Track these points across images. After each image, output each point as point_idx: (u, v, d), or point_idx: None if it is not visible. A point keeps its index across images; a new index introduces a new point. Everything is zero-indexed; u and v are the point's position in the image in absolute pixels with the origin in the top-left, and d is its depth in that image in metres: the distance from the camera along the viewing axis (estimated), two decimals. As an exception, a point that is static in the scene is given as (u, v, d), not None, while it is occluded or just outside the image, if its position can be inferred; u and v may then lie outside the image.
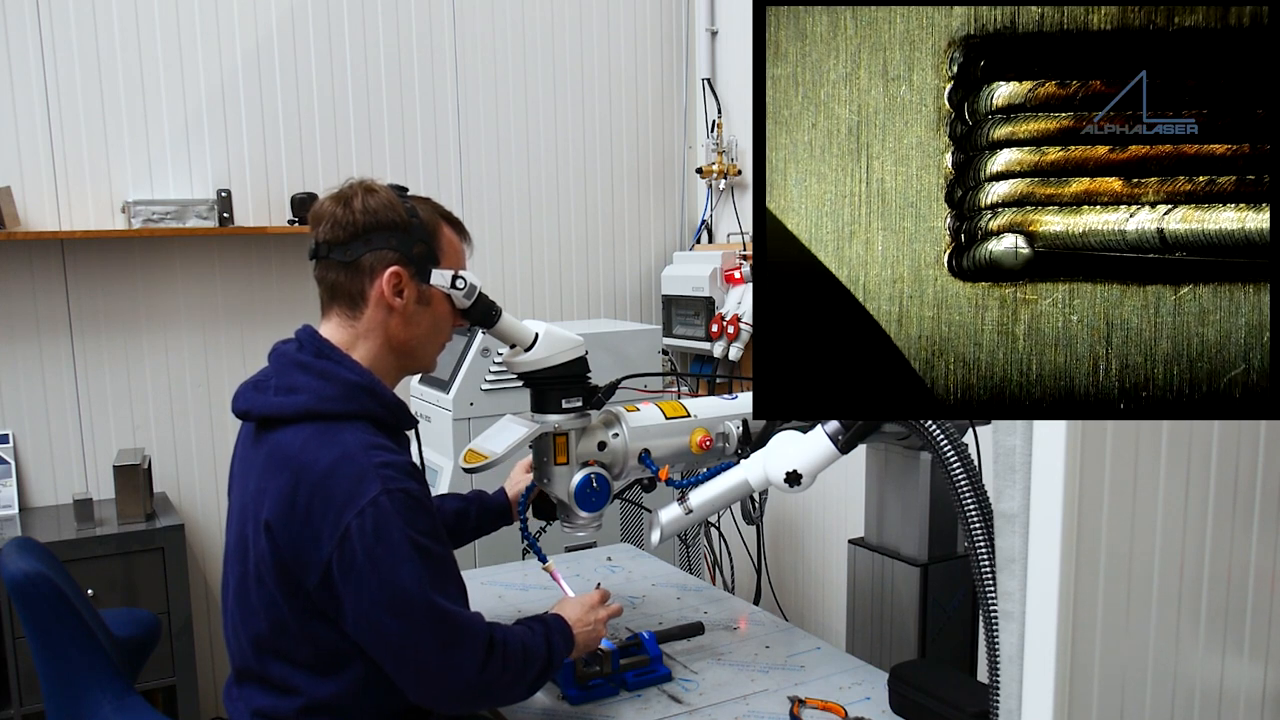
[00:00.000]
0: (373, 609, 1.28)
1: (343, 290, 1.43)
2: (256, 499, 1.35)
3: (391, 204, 1.42)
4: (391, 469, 1.31)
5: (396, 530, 1.28)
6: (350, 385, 1.38)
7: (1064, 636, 0.92)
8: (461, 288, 1.46)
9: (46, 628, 1.57)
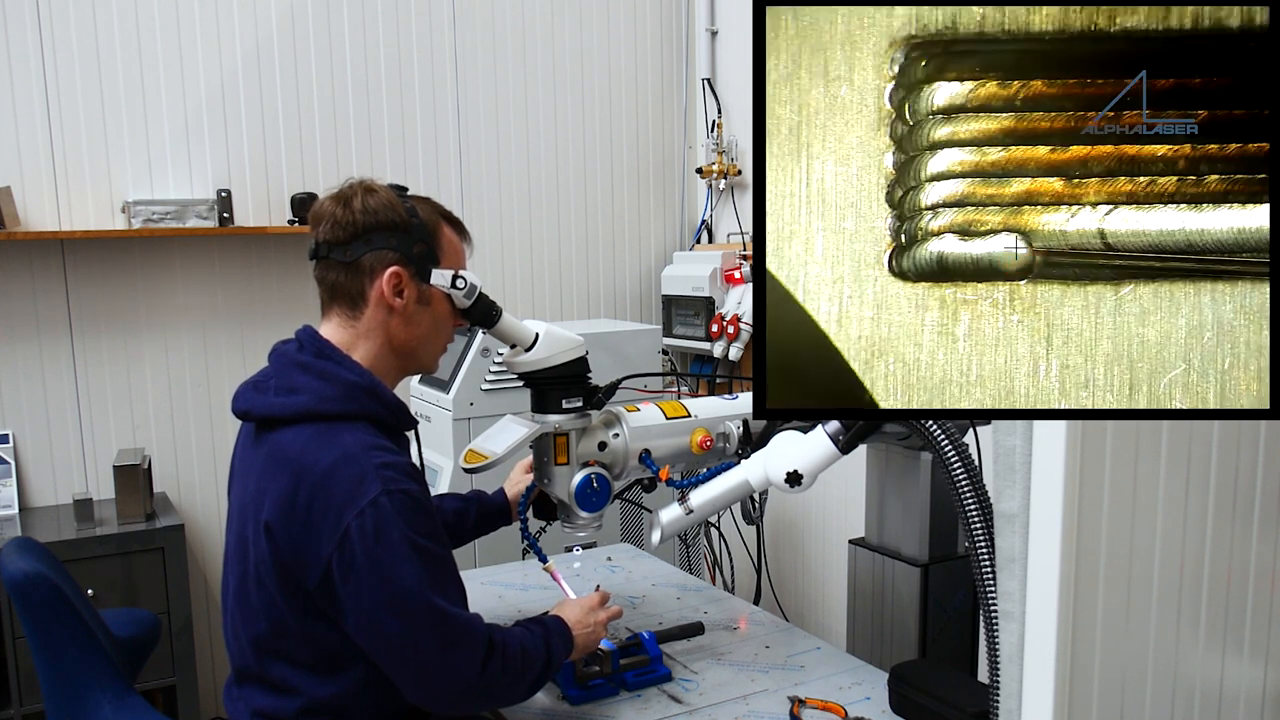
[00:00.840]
0: (373, 609, 1.28)
1: (343, 290, 1.43)
2: (256, 499, 1.35)
3: (391, 204, 1.41)
4: (392, 470, 1.31)
5: (396, 531, 1.28)
6: (351, 386, 1.38)
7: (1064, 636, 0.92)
8: (462, 287, 1.46)
9: (46, 628, 1.57)
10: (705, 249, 3.59)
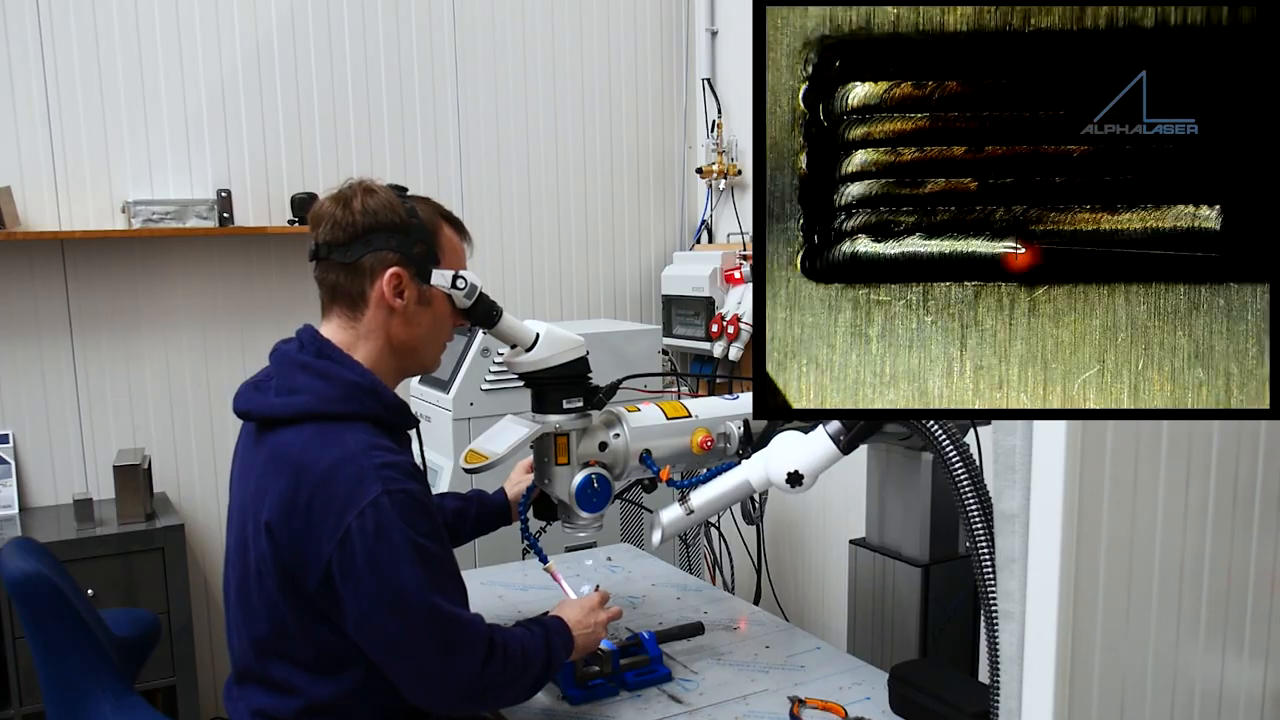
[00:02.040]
0: (373, 610, 1.28)
1: (343, 291, 1.43)
2: (257, 499, 1.35)
3: (391, 204, 1.41)
4: (393, 470, 1.31)
5: (397, 531, 1.28)
6: (351, 386, 1.38)
7: (1064, 636, 0.92)
8: (462, 288, 1.46)
9: (46, 628, 1.57)
10: (705, 249, 3.59)
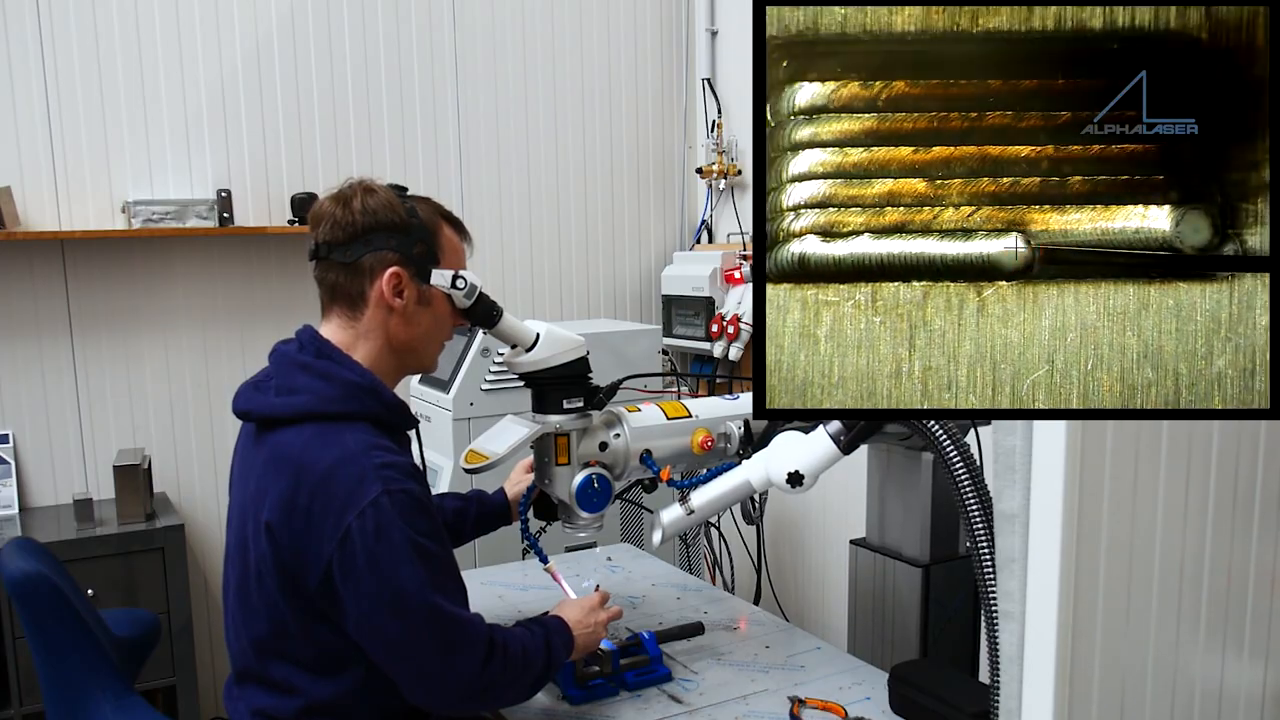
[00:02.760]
0: (373, 610, 1.28)
1: (343, 291, 1.43)
2: (257, 499, 1.35)
3: (391, 204, 1.41)
4: (393, 470, 1.31)
5: (397, 531, 1.28)
6: (351, 386, 1.38)
7: (1064, 636, 0.92)
8: (462, 287, 1.46)
9: (46, 628, 1.57)
10: (705, 249, 3.59)
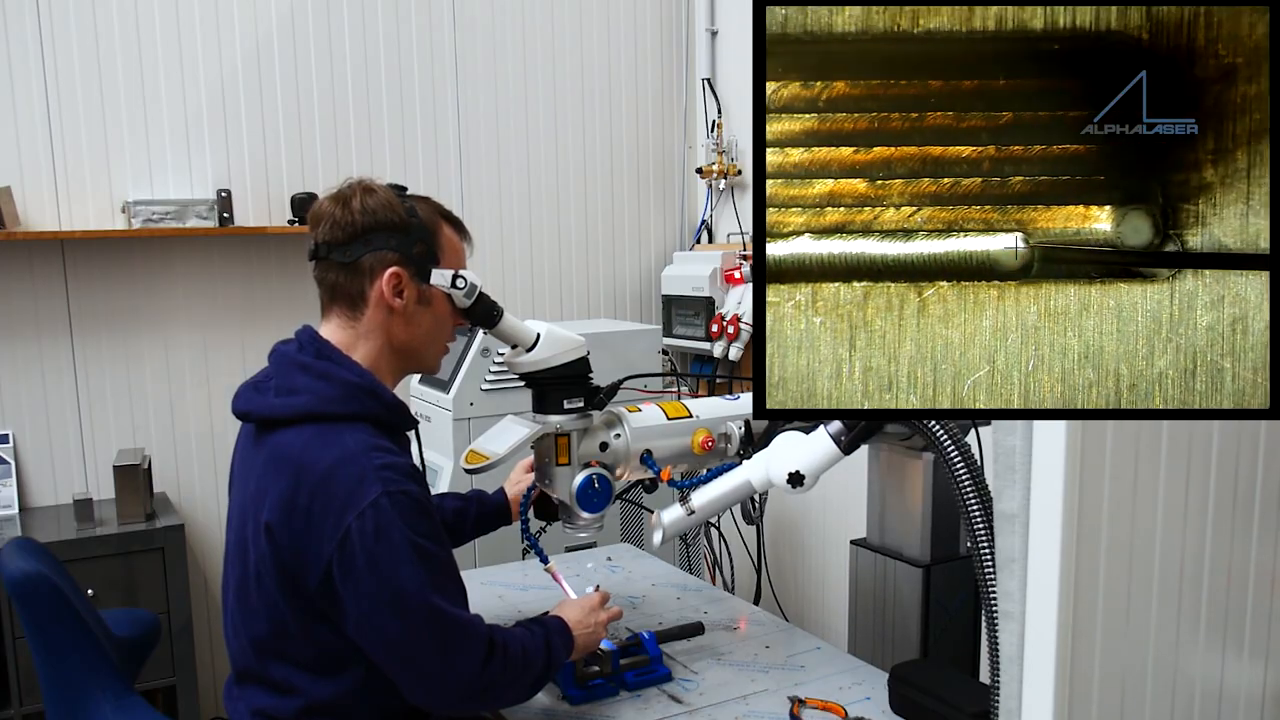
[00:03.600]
0: (373, 610, 1.28)
1: (343, 291, 1.43)
2: (257, 500, 1.35)
3: (390, 204, 1.41)
4: (392, 470, 1.31)
5: (397, 532, 1.28)
6: (351, 386, 1.38)
7: (1064, 636, 0.92)
8: (462, 287, 1.46)
9: (46, 628, 1.57)
10: (705, 249, 3.59)
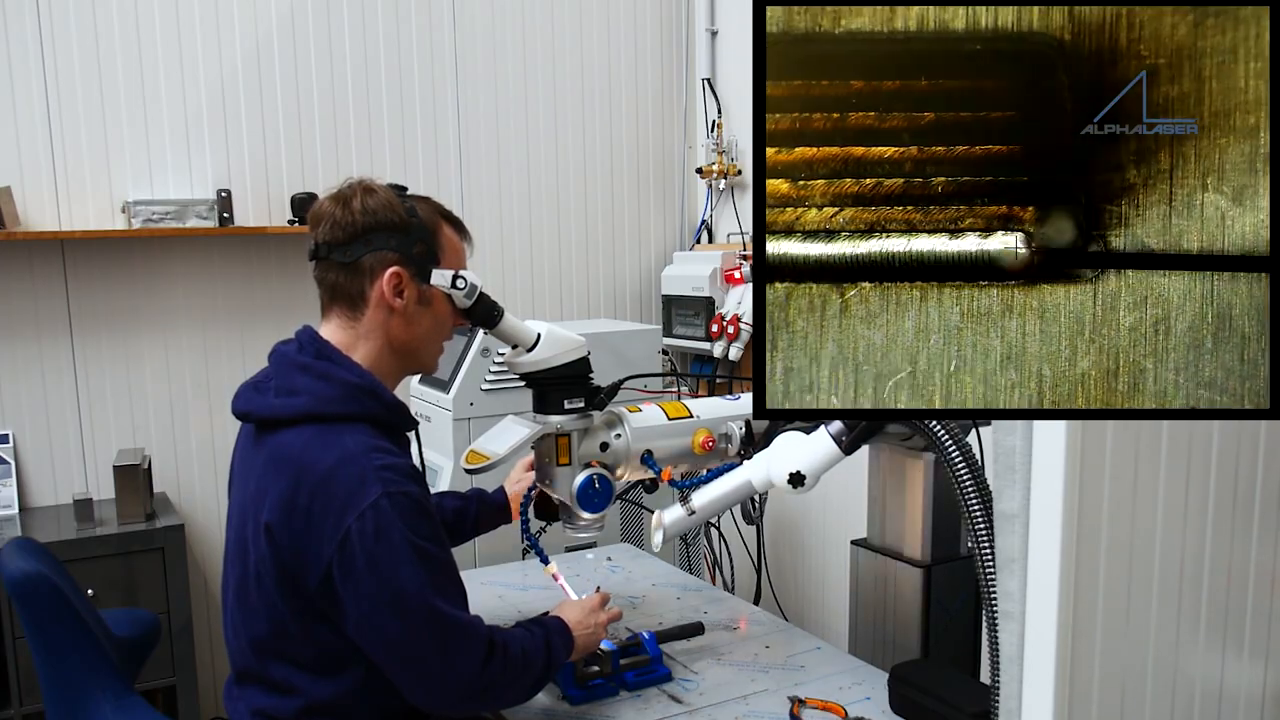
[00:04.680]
0: (373, 611, 1.28)
1: (343, 291, 1.43)
2: (256, 500, 1.35)
3: (391, 204, 1.41)
4: (392, 471, 1.31)
5: (397, 533, 1.28)
6: (351, 387, 1.38)
7: (1064, 636, 0.92)
8: (462, 287, 1.46)
9: (46, 628, 1.57)
10: (705, 249, 3.59)
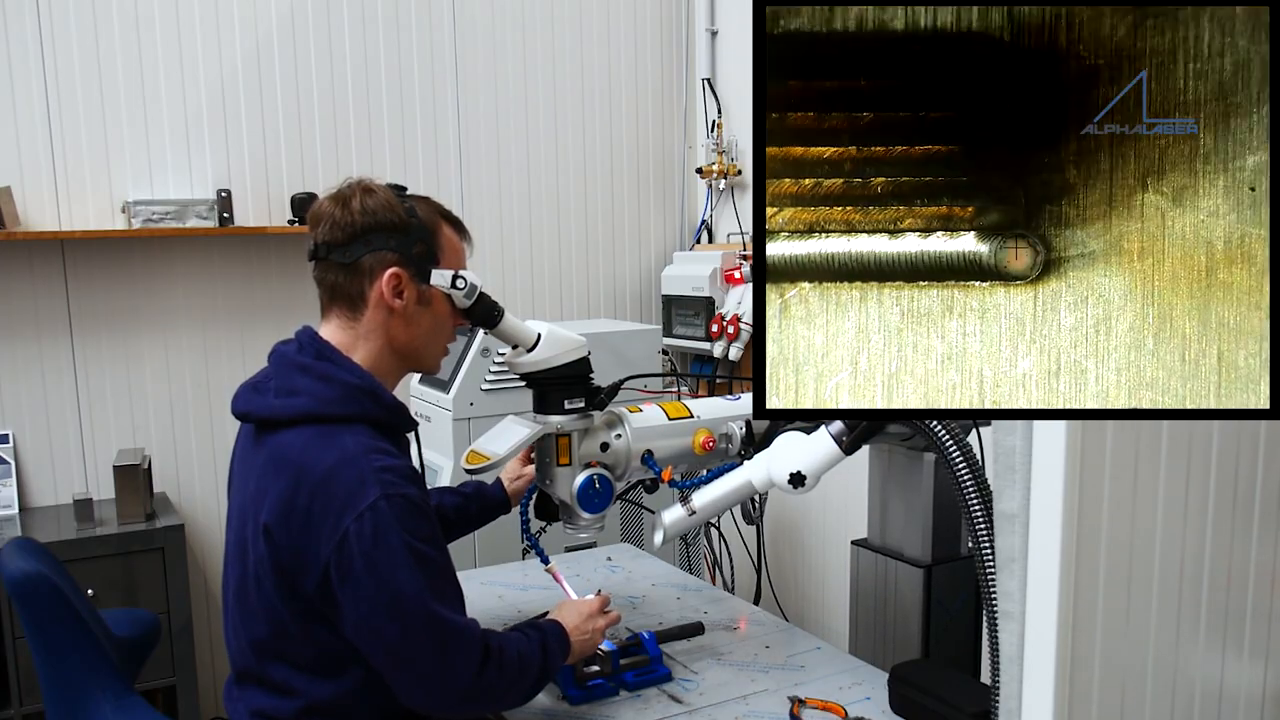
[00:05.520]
0: (370, 614, 1.28)
1: (342, 292, 1.42)
2: (256, 501, 1.35)
3: (390, 204, 1.41)
4: (391, 473, 1.31)
5: (395, 536, 1.28)
6: (350, 388, 1.38)
7: (1064, 636, 0.92)
8: (462, 287, 1.46)
9: (46, 628, 1.57)
10: (705, 249, 3.59)
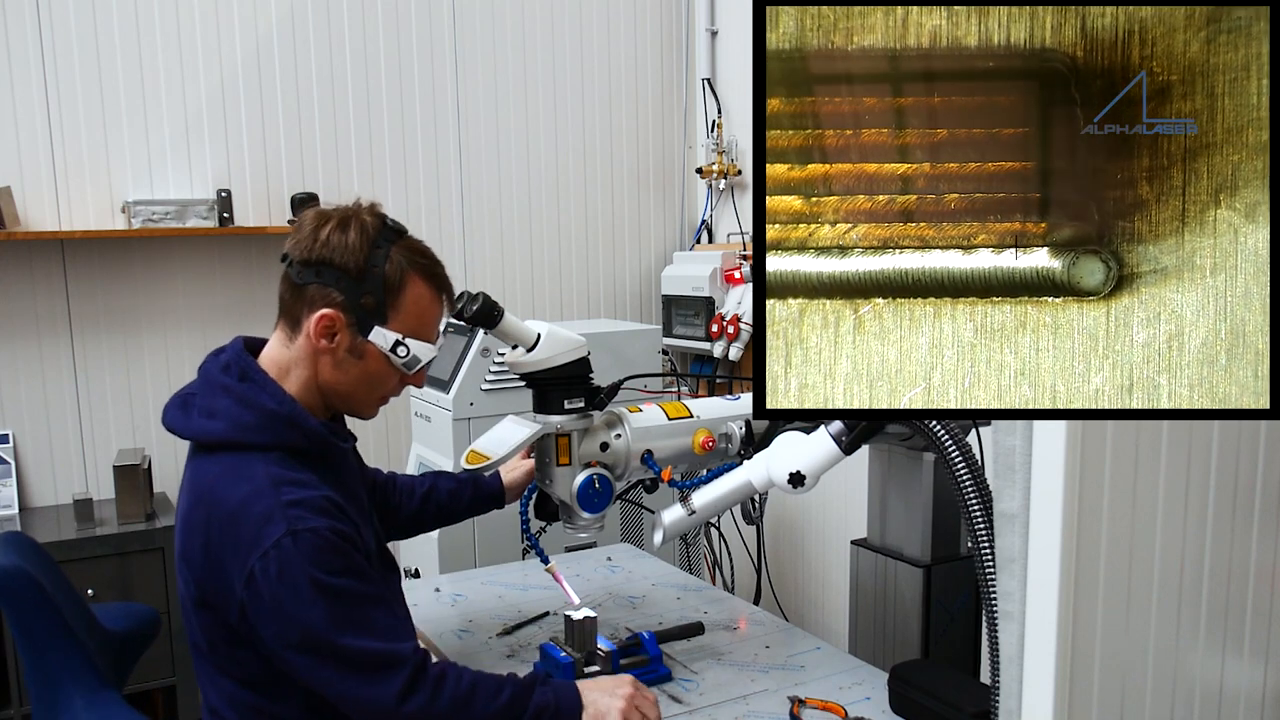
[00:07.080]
0: (283, 649, 1.28)
1: (287, 308, 1.41)
2: (182, 527, 1.36)
3: (358, 247, 1.35)
4: (301, 507, 1.28)
5: (301, 573, 1.26)
6: (268, 415, 1.34)
7: (1064, 636, 0.92)
8: (403, 355, 1.39)
9: (27, 624, 1.56)
10: (705, 249, 3.59)
